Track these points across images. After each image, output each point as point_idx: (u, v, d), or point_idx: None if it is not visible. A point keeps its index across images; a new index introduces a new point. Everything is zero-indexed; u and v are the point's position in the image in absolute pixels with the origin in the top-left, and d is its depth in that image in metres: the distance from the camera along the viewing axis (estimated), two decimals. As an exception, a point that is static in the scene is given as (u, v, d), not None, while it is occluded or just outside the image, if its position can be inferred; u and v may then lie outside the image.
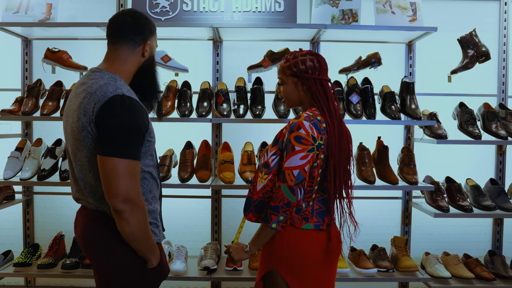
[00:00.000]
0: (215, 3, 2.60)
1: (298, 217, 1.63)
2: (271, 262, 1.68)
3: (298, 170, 1.56)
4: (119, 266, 1.52)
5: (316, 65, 1.68)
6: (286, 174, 1.57)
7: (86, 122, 1.43)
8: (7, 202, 2.69)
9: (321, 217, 1.67)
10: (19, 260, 2.57)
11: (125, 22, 1.56)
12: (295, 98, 1.73)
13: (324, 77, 1.69)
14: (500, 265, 2.64)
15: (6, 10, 2.57)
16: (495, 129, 2.58)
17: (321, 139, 1.60)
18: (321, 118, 1.64)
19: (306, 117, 1.61)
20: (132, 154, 1.42)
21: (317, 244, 1.66)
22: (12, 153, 2.59)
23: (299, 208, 1.64)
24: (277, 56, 2.58)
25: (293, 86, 1.70)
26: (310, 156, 1.57)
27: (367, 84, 2.63)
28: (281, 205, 1.57)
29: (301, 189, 1.58)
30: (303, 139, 1.57)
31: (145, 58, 1.61)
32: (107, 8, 2.84)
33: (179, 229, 2.88)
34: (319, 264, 1.67)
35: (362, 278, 2.51)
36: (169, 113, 2.51)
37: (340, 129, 1.66)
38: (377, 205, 2.92)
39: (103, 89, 1.44)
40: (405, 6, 2.57)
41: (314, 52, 1.73)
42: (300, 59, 1.68)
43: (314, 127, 1.59)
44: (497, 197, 2.63)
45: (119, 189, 1.38)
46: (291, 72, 1.69)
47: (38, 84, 2.66)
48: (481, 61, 2.65)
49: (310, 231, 1.64)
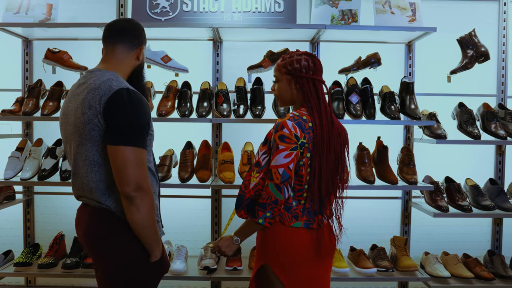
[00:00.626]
0: (215, 4, 2.61)
1: (288, 215, 1.67)
2: (264, 258, 1.72)
3: (283, 168, 1.60)
4: (122, 263, 1.54)
5: (311, 65, 1.71)
6: (272, 173, 1.61)
7: (92, 115, 1.47)
8: (7, 202, 2.70)
9: (311, 216, 1.69)
10: (20, 260, 2.58)
11: (124, 25, 1.67)
12: (287, 97, 1.77)
13: (318, 77, 1.72)
14: (500, 265, 2.65)
15: (7, 11, 2.57)
16: (494, 129, 2.58)
17: (305, 137, 1.63)
18: (307, 117, 1.67)
19: (290, 117, 1.66)
20: (140, 143, 1.48)
21: (307, 242, 1.68)
22: (13, 153, 2.60)
23: (288, 206, 1.67)
24: (277, 56, 2.59)
25: (286, 84, 1.74)
26: (294, 154, 1.61)
27: (367, 84, 2.63)
28: (268, 202, 1.61)
29: (288, 187, 1.61)
30: (286, 138, 1.61)
31: (139, 62, 1.69)
32: (107, 9, 2.85)
33: (179, 229, 2.88)
34: (310, 262, 1.69)
35: (361, 277, 2.51)
36: (169, 113, 2.52)
37: (329, 129, 1.68)
38: (377, 205, 2.92)
39: (107, 83, 1.50)
40: (405, 6, 2.58)
41: (310, 53, 1.76)
42: (295, 58, 1.72)
43: (298, 126, 1.63)
44: (496, 197, 2.64)
45: (131, 176, 1.44)
46: (286, 71, 1.73)
47: (38, 84, 2.67)
48: (480, 61, 2.66)
49: (300, 229, 1.67)
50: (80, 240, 1.66)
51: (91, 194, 1.54)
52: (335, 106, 2.54)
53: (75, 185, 1.61)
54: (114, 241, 1.54)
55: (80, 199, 1.63)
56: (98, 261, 1.59)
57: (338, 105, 2.54)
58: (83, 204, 1.63)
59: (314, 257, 1.70)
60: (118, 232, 1.53)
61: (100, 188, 1.52)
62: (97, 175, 1.52)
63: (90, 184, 1.53)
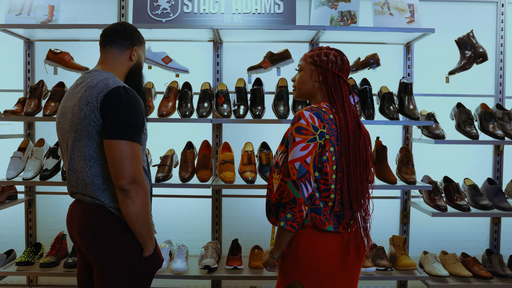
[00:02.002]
0: (215, 5, 2.63)
1: (321, 218, 1.53)
2: (294, 274, 1.57)
3: (299, 162, 1.49)
4: (117, 259, 1.56)
5: (339, 62, 1.64)
6: (289, 168, 1.51)
7: (89, 111, 1.52)
8: (9, 201, 2.72)
9: (338, 220, 1.57)
10: (22, 259, 2.60)
11: (115, 28, 1.73)
12: (307, 88, 1.68)
13: (343, 75, 1.65)
14: (498, 264, 2.67)
15: (9, 12, 2.59)
16: (492, 129, 2.60)
17: (324, 127, 1.52)
18: (327, 110, 1.58)
19: (308, 108, 1.57)
20: (136, 138, 1.52)
21: (337, 246, 1.56)
22: (15, 153, 2.62)
23: (317, 208, 1.54)
24: (277, 57, 2.61)
25: (309, 74, 1.66)
26: (312, 146, 1.50)
27: (366, 85, 2.65)
28: (287, 201, 1.50)
29: (306, 183, 1.49)
30: (303, 129, 1.51)
31: (133, 62, 1.74)
32: (108, 10, 2.87)
33: (180, 228, 2.90)
34: (340, 270, 1.57)
35: (361, 276, 2.48)
36: (170, 114, 2.54)
37: (355, 129, 1.58)
38: (376, 205, 2.88)
39: (104, 82, 1.56)
40: (403, 7, 2.60)
41: (341, 51, 1.69)
42: (324, 51, 1.66)
43: (316, 116, 1.53)
44: (494, 197, 2.65)
45: (127, 170, 1.48)
46: (312, 60, 1.66)
47: (40, 85, 2.69)
48: (478, 62, 2.68)
49: (332, 233, 1.55)
50: (73, 237, 1.68)
51: (86, 190, 1.57)
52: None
53: (70, 181, 1.64)
54: (109, 236, 1.56)
55: (74, 196, 1.66)
56: (94, 256, 1.59)
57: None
58: (76, 201, 1.66)
59: (343, 265, 1.56)
60: (112, 227, 1.56)
61: (95, 183, 1.55)
62: (92, 170, 1.55)
63: (85, 179, 1.56)
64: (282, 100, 2.58)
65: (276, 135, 2.42)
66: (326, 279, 1.55)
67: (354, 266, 1.61)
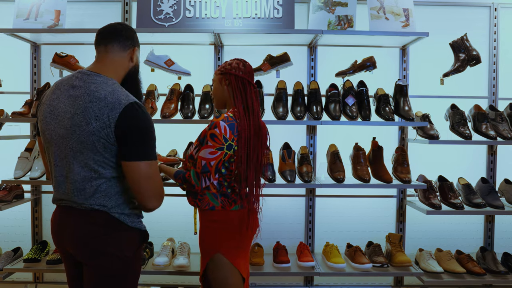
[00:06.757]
0: (216, 10, 2.70)
1: (228, 201, 1.89)
2: (213, 248, 1.89)
3: (205, 162, 1.82)
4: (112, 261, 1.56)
5: (241, 67, 1.94)
6: (197, 161, 1.84)
7: (99, 127, 1.47)
8: (16, 200, 2.78)
9: (241, 199, 1.93)
10: (29, 256, 2.67)
11: (115, 26, 1.68)
12: (219, 94, 1.98)
13: (246, 77, 1.93)
14: (491, 261, 2.73)
15: (17, 17, 2.66)
16: (485, 129, 2.67)
17: (233, 140, 1.83)
18: (237, 116, 1.87)
19: (224, 118, 1.85)
20: (153, 155, 1.56)
21: (243, 219, 1.90)
22: (22, 154, 2.69)
23: (226, 193, 1.89)
24: (276, 60, 2.68)
25: (218, 82, 1.98)
26: (218, 153, 1.82)
27: (362, 87, 2.71)
28: (189, 184, 1.87)
29: (206, 178, 1.83)
30: (215, 137, 1.82)
31: (133, 63, 1.70)
32: (113, 14, 2.94)
33: (182, 226, 2.95)
34: (244, 239, 1.93)
35: (358, 273, 2.59)
36: (172, 115, 2.61)
37: (256, 128, 1.88)
38: (373, 203, 3.00)
39: (114, 95, 1.50)
40: (398, 12, 2.67)
41: (243, 59, 1.99)
42: (228, 61, 1.98)
43: (229, 128, 1.83)
44: (487, 195, 2.72)
45: (154, 190, 1.56)
46: (219, 72, 1.98)
47: (46, 87, 2.76)
48: (472, 64, 2.74)
49: (238, 210, 1.91)
50: (63, 245, 1.61)
51: (77, 197, 1.54)
52: (331, 108, 2.63)
53: (61, 188, 1.57)
54: (105, 239, 1.55)
55: (62, 203, 1.60)
56: (90, 260, 1.56)
57: (335, 107, 2.63)
58: (65, 208, 1.59)
59: (246, 237, 1.93)
60: (108, 230, 1.56)
61: (99, 190, 1.53)
62: (96, 181, 1.52)
63: (87, 188, 1.52)
64: (281, 102, 2.65)
65: (275, 135, 2.47)
66: (239, 248, 1.91)
67: (250, 236, 1.98)
